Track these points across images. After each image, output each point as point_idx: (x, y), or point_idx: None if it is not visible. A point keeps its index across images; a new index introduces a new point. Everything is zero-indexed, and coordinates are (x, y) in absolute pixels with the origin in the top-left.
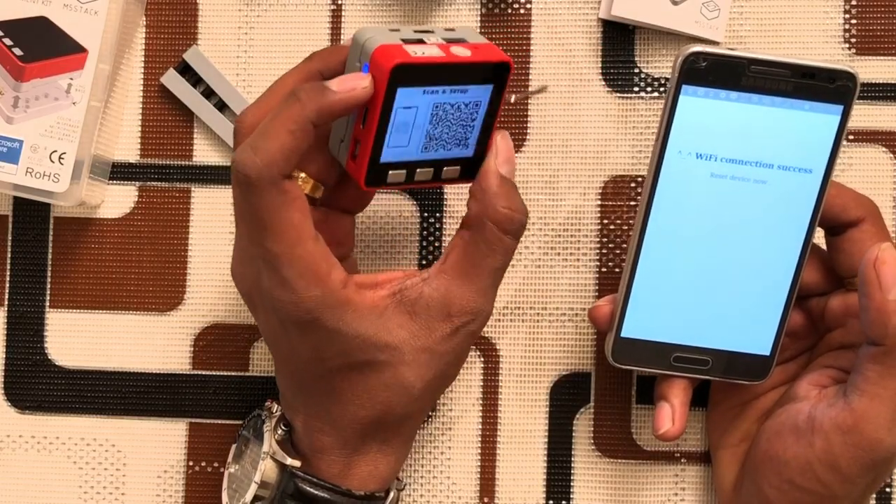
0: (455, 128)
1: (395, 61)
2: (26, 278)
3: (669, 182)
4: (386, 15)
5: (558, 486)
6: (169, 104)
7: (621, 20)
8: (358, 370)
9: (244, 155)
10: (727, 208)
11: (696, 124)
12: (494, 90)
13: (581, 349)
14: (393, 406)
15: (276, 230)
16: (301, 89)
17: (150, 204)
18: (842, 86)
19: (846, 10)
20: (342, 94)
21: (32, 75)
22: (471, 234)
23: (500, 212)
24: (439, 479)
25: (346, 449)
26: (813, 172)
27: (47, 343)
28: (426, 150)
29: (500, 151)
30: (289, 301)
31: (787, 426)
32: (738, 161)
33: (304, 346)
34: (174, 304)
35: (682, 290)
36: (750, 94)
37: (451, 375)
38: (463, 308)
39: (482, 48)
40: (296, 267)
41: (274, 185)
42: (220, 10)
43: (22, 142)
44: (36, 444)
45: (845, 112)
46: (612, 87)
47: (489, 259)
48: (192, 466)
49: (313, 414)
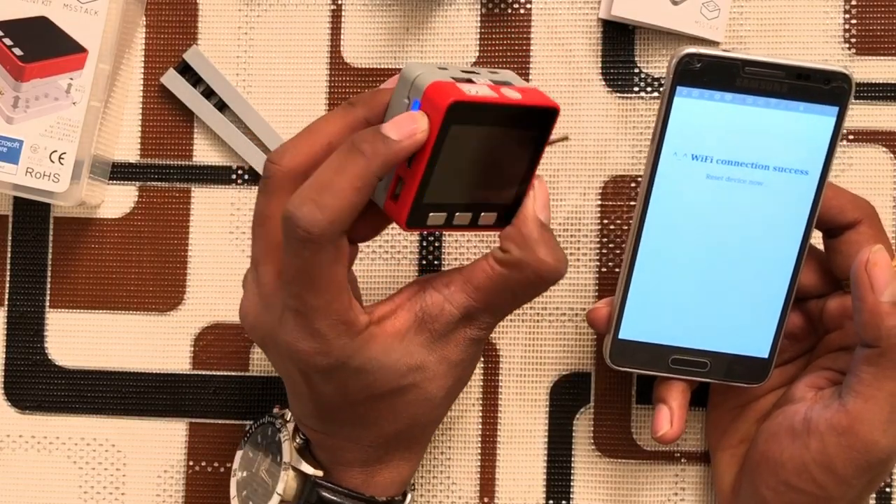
0: (499, 172)
1: (451, 98)
2: (26, 278)
3: (665, 183)
4: (386, 15)
5: (558, 486)
6: (169, 104)
7: (621, 20)
8: (381, 398)
9: (307, 211)
10: (724, 210)
11: (691, 126)
12: (539, 136)
13: (581, 349)
14: (418, 419)
15: (321, 286)
16: (363, 141)
17: (150, 204)
18: (837, 87)
19: (846, 10)
20: (405, 142)
21: (32, 75)
22: (506, 272)
23: (545, 263)
24: (439, 479)
25: (368, 461)
26: (809, 174)
27: (47, 343)
28: (469, 193)
29: (538, 196)
30: (316, 351)
31: (784, 428)
32: (734, 162)
33: (327, 388)
34: (174, 304)
35: (679, 291)
36: (745, 95)
37: (467, 378)
38: (480, 325)
39: (529, 92)
40: (330, 318)
41: (332, 242)
42: (220, 10)
43: (22, 142)
44: (36, 444)
45: (840, 113)
46: (612, 87)
47: (518, 299)
48: (192, 466)
49: (332, 433)
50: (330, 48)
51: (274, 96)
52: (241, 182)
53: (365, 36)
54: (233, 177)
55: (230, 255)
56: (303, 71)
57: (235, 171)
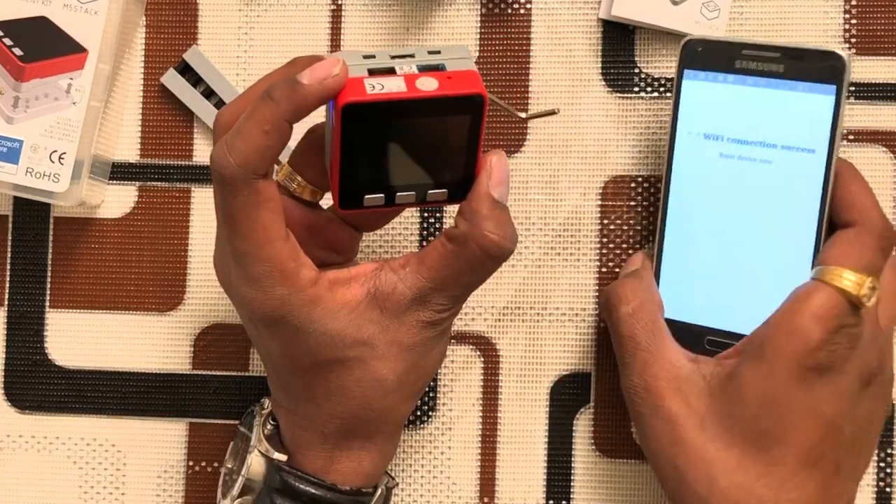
0: (431, 155)
1: (345, 100)
2: (26, 278)
3: (684, 162)
4: (386, 15)
5: (558, 486)
6: (169, 104)
7: (621, 20)
8: (328, 368)
9: (219, 153)
10: (739, 188)
11: (701, 106)
12: (471, 120)
13: (581, 349)
14: (368, 401)
15: (245, 229)
16: (273, 87)
17: (150, 204)
18: (831, 66)
19: (846, 10)
20: (314, 85)
21: (32, 75)
22: (455, 248)
23: (488, 237)
24: (439, 479)
25: (326, 444)
26: (816, 153)
27: (47, 343)
28: (405, 175)
29: (494, 172)
30: (254, 299)
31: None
32: (744, 141)
33: (273, 344)
34: (174, 304)
35: (707, 273)
36: (745, 76)
37: (426, 367)
38: (434, 308)
39: (456, 77)
40: (262, 265)
41: (247, 185)
42: (220, 10)
43: (22, 142)
44: (36, 444)
45: (839, 91)
46: (612, 87)
47: (467, 277)
48: (192, 466)
49: (293, 409)
50: (330, 48)
51: None
52: None
53: (365, 36)
54: None
55: None
56: None
57: None
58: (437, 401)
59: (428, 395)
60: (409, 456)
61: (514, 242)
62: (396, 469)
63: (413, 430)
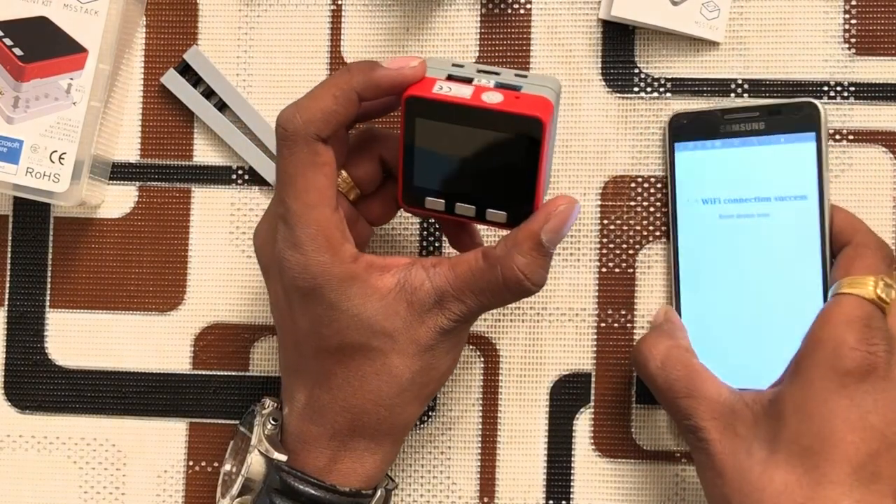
0: (491, 172)
1: (409, 93)
2: (26, 278)
3: (688, 229)
4: (386, 15)
5: (558, 486)
6: (169, 104)
7: (621, 20)
8: (351, 354)
9: (287, 111)
10: (743, 244)
11: (695, 174)
12: (528, 142)
13: (581, 349)
14: (382, 396)
15: (298, 187)
16: (353, 63)
17: (150, 204)
18: (807, 115)
19: (846, 10)
20: (391, 70)
21: (32, 75)
22: (484, 266)
23: (515, 272)
24: (439, 479)
25: (333, 441)
26: (808, 198)
27: (47, 343)
28: (467, 187)
29: (554, 219)
30: (297, 263)
31: None
32: (739, 200)
33: (304, 319)
34: (174, 304)
35: (726, 335)
36: (731, 138)
37: (438, 371)
38: (449, 315)
39: (524, 99)
40: (310, 227)
41: (307, 143)
42: (220, 10)
43: (22, 142)
44: (36, 444)
45: (819, 137)
46: (612, 87)
47: (485, 297)
48: (192, 466)
49: (306, 399)
50: (330, 48)
51: (274, 96)
52: (241, 182)
53: (365, 36)
54: (233, 177)
55: (230, 255)
56: (303, 71)
57: (235, 171)
58: (437, 401)
59: None
60: (409, 456)
61: (538, 287)
62: (396, 469)
63: (413, 430)
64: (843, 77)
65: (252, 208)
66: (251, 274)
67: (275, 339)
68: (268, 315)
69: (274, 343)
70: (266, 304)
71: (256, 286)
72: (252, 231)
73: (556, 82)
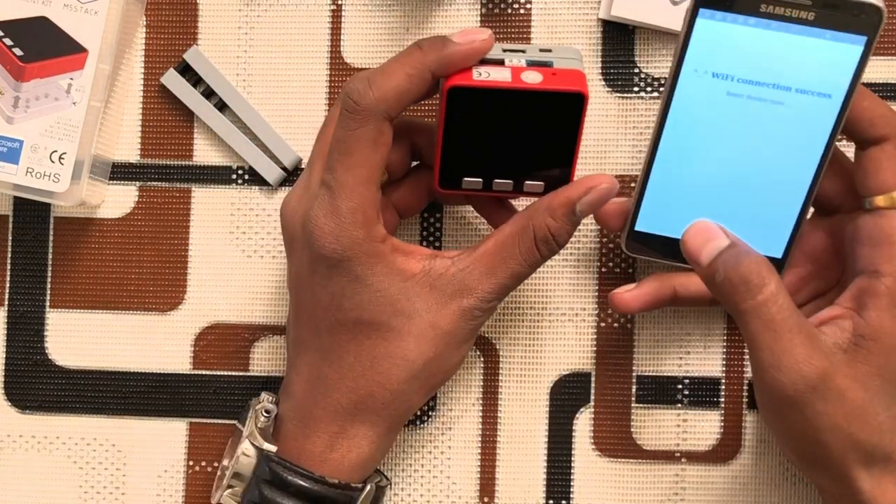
0: (530, 146)
1: (452, 83)
2: (26, 278)
3: (684, 98)
4: (386, 15)
5: (558, 486)
6: (169, 104)
7: (621, 20)
8: (366, 332)
9: (360, 85)
10: (743, 125)
11: (713, 45)
12: (571, 116)
13: (581, 349)
14: (391, 379)
15: (354, 161)
16: (425, 40)
17: (150, 204)
18: (866, 18)
19: None
20: (463, 45)
21: (32, 75)
22: (510, 232)
23: (545, 232)
24: (439, 478)
25: (334, 424)
26: (833, 97)
27: (47, 343)
28: (504, 163)
29: (594, 193)
30: (331, 232)
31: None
32: (755, 82)
33: (325, 290)
34: (174, 304)
35: (695, 194)
36: (769, 20)
37: (450, 361)
38: (477, 294)
39: (561, 74)
40: (354, 200)
41: (376, 121)
42: (220, 10)
43: (22, 142)
44: (36, 444)
45: (869, 42)
46: (612, 87)
47: (516, 263)
48: (192, 466)
49: (313, 375)
50: (330, 48)
51: (274, 96)
52: (241, 182)
53: (365, 36)
54: (233, 177)
55: (230, 255)
56: (303, 71)
57: (235, 171)
58: (437, 401)
59: None
60: (409, 456)
61: (562, 245)
62: (396, 469)
63: (413, 430)
64: None
65: (252, 208)
66: (251, 274)
67: (275, 338)
68: (268, 315)
69: (274, 343)
70: (267, 303)
71: (256, 286)
72: (252, 231)
73: (578, 53)
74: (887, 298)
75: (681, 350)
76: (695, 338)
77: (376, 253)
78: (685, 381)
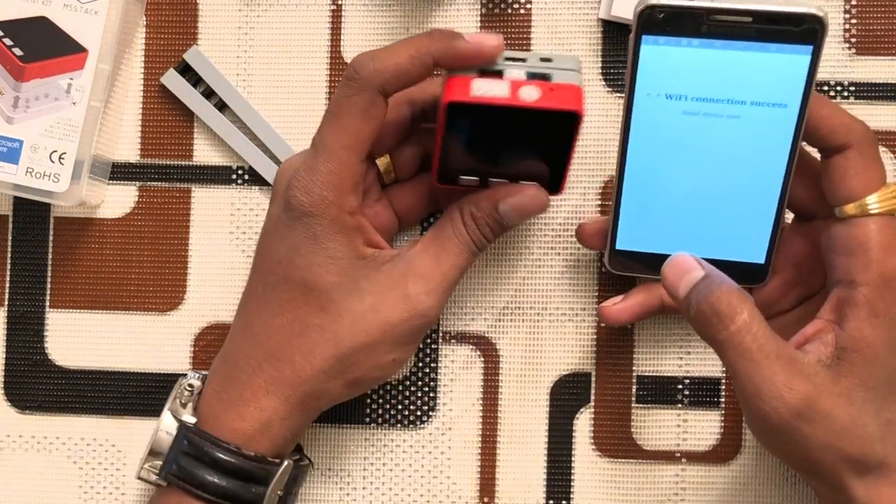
0: (525, 154)
1: (450, 98)
2: (26, 278)
3: (642, 120)
4: (386, 15)
5: (558, 486)
6: (169, 104)
7: (621, 20)
8: (306, 298)
9: (363, 57)
10: (704, 140)
11: (662, 69)
12: (564, 133)
13: (581, 349)
14: (315, 353)
15: (341, 126)
16: (436, 29)
17: (150, 204)
18: (808, 28)
19: (846, 10)
20: (471, 45)
21: (32, 75)
22: (443, 220)
23: (468, 212)
24: (439, 479)
25: (248, 390)
26: (788, 106)
27: (47, 343)
28: (498, 164)
29: (519, 195)
30: (303, 185)
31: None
32: (709, 99)
33: (283, 244)
34: (174, 304)
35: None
36: (713, 39)
37: (378, 357)
38: (422, 281)
39: (558, 90)
40: (332, 163)
41: (370, 91)
42: (220, 10)
43: (22, 142)
44: (36, 444)
45: (816, 51)
46: (612, 87)
47: (454, 246)
48: None
49: (245, 326)
50: (330, 48)
51: (274, 96)
52: (241, 182)
53: (365, 36)
54: (233, 177)
55: (230, 255)
56: (303, 71)
57: (235, 171)
58: (437, 401)
59: (428, 395)
60: (409, 456)
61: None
62: (396, 469)
63: (413, 430)
64: (843, 76)
65: (252, 208)
66: None
67: None
68: None
69: None
70: None
71: None
72: (253, 231)
73: (578, 62)
74: (866, 308)
75: (681, 350)
76: (695, 338)
77: (340, 220)
78: (685, 382)
